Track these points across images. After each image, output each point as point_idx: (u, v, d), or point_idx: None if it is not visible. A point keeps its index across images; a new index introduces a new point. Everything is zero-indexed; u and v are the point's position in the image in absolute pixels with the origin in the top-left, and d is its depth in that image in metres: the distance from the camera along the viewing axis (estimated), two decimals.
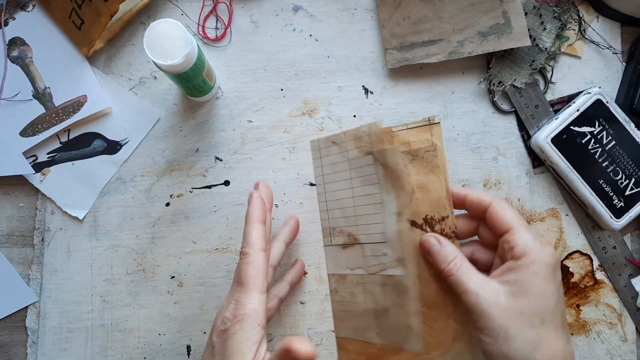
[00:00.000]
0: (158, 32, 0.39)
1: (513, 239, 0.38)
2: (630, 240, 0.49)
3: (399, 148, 0.41)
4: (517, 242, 0.37)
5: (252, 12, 0.50)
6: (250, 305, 0.35)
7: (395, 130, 0.42)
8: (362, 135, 0.43)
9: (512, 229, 0.38)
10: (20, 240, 0.49)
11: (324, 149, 0.47)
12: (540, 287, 0.36)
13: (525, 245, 0.37)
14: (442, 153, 0.41)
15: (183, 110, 0.50)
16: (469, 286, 0.37)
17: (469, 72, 0.50)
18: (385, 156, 0.42)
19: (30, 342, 0.49)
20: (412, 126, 0.42)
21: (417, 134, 0.41)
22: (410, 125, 0.42)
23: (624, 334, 0.49)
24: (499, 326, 0.36)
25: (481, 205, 0.40)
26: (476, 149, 0.49)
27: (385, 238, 0.43)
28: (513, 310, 0.36)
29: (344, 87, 0.50)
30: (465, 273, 0.38)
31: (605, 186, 0.47)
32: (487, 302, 0.36)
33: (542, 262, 0.37)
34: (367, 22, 0.50)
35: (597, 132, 0.47)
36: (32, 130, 0.48)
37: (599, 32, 0.49)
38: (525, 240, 0.37)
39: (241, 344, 0.34)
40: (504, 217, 0.39)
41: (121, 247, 0.49)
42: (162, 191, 0.49)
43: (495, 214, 0.39)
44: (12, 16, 0.48)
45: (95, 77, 0.49)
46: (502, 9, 0.47)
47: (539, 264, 0.37)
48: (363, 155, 0.44)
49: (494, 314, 0.36)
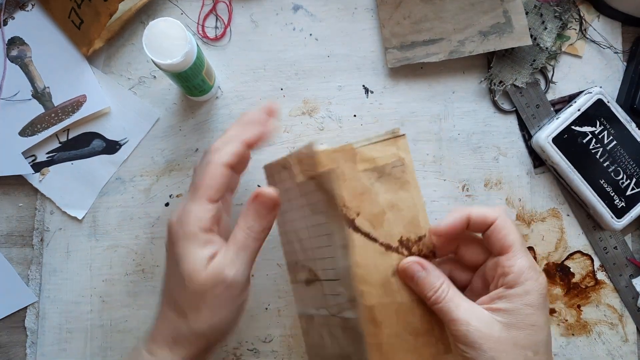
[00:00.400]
0: (157, 31, 0.39)
1: (509, 264, 0.35)
2: (631, 241, 0.49)
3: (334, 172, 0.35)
4: (512, 269, 0.35)
5: (252, 11, 0.50)
6: (189, 208, 0.36)
7: (357, 146, 0.36)
8: (302, 157, 0.37)
9: (510, 252, 0.36)
10: (20, 241, 0.49)
11: (277, 175, 0.40)
12: (534, 317, 0.35)
13: (520, 274, 0.35)
14: (410, 167, 0.37)
15: (182, 109, 0.50)
16: (459, 316, 0.34)
17: (470, 72, 0.49)
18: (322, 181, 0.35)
19: (30, 342, 0.49)
20: (375, 140, 0.37)
21: (382, 149, 0.37)
22: (374, 140, 0.37)
23: (624, 334, 0.49)
24: (491, 358, 0.34)
25: (485, 222, 0.37)
26: (477, 149, 0.49)
27: (337, 275, 0.36)
28: (507, 343, 0.34)
29: (344, 86, 0.50)
30: (453, 301, 0.35)
31: (607, 186, 0.47)
32: (479, 334, 0.34)
33: (537, 292, 0.35)
34: (368, 22, 0.49)
35: (598, 132, 0.47)
36: (31, 130, 0.48)
37: (600, 32, 0.49)
38: (521, 268, 0.35)
39: (184, 248, 0.35)
40: (506, 237, 0.36)
41: (120, 247, 0.49)
42: (161, 191, 0.49)
43: (497, 233, 0.36)
44: (12, 15, 0.48)
45: (94, 77, 0.49)
46: (502, 8, 0.47)
47: (534, 295, 0.35)
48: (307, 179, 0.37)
49: (486, 345, 0.34)
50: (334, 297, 0.37)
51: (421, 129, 0.49)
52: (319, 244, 0.38)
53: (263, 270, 0.49)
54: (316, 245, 0.38)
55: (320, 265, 0.38)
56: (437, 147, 0.49)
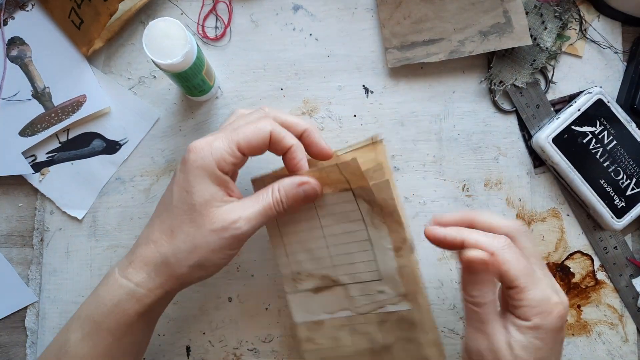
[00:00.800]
0: (157, 31, 0.39)
1: (519, 297, 0.34)
2: (631, 241, 0.49)
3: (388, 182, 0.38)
4: (524, 304, 0.33)
5: (252, 11, 0.50)
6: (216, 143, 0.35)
7: (340, 154, 0.40)
8: (330, 174, 0.38)
9: (518, 287, 0.34)
10: (20, 241, 0.49)
11: None
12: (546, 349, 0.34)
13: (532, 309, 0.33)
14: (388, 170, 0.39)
15: (183, 109, 0.50)
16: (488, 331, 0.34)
17: (470, 72, 0.49)
18: (371, 192, 0.38)
19: (30, 342, 0.49)
20: (356, 147, 0.40)
21: (362, 155, 0.39)
22: (355, 147, 0.40)
23: (625, 334, 0.49)
24: None
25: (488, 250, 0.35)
26: (477, 149, 0.49)
27: (379, 276, 0.40)
28: None
29: (344, 86, 0.49)
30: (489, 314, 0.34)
31: (607, 186, 0.47)
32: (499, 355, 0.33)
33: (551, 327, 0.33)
34: (368, 22, 0.49)
35: (598, 132, 0.47)
36: (31, 130, 0.48)
37: (600, 32, 0.49)
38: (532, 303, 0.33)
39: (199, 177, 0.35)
40: (508, 272, 0.34)
41: (120, 247, 0.49)
42: (161, 191, 0.49)
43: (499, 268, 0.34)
44: (12, 16, 0.48)
45: (94, 77, 0.49)
46: (503, 8, 0.47)
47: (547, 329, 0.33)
48: (336, 192, 0.39)
49: None
50: (368, 296, 0.40)
51: (421, 129, 0.49)
52: (345, 251, 0.40)
53: (263, 270, 0.49)
54: (340, 253, 0.40)
55: (346, 270, 0.40)
56: (437, 147, 0.49)
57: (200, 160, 0.35)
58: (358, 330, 0.42)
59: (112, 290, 0.36)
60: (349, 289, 0.41)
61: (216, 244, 0.35)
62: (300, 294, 0.42)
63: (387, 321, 0.41)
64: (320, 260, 0.41)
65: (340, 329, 0.42)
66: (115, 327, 0.36)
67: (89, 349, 0.36)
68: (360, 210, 0.39)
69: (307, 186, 0.38)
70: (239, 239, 0.36)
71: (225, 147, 0.35)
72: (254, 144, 0.36)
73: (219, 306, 0.49)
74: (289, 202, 0.37)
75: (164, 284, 0.36)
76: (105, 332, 0.36)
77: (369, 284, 0.41)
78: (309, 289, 0.42)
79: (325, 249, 0.41)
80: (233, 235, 0.35)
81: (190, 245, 0.35)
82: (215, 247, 0.35)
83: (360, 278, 0.41)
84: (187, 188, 0.35)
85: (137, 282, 0.36)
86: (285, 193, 0.37)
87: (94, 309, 0.36)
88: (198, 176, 0.35)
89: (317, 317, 0.42)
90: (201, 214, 0.35)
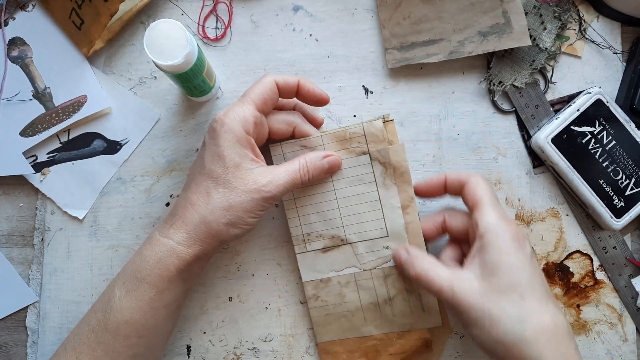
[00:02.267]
0: (158, 32, 0.39)
1: (478, 215, 0.38)
2: (630, 240, 0.49)
3: (403, 145, 0.43)
4: (481, 220, 0.38)
5: (252, 12, 0.50)
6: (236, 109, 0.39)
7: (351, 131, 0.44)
8: (353, 137, 0.44)
9: (479, 205, 0.39)
10: (20, 240, 0.49)
11: (290, 153, 0.45)
12: (508, 261, 0.36)
13: (488, 223, 0.38)
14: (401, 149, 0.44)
15: (183, 110, 0.50)
16: (441, 283, 0.37)
17: (469, 72, 0.50)
18: (387, 154, 0.44)
19: (31, 342, 0.49)
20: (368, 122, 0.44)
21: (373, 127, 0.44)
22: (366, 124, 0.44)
23: (624, 334, 0.49)
24: (482, 312, 0.36)
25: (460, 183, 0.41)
26: (476, 149, 0.49)
27: (386, 233, 0.45)
28: (489, 292, 0.36)
29: (344, 87, 0.50)
30: (434, 270, 0.38)
31: (606, 186, 0.47)
32: (464, 293, 0.36)
33: (505, 236, 0.37)
34: (368, 22, 0.50)
35: (597, 132, 0.47)
36: (32, 130, 0.48)
37: (599, 32, 0.49)
38: (488, 218, 0.38)
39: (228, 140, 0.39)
40: (474, 193, 0.40)
41: (121, 247, 0.49)
42: (162, 191, 0.49)
43: (469, 190, 0.40)
44: (12, 16, 0.48)
45: (95, 77, 0.49)
46: (502, 8, 0.47)
47: (502, 239, 0.37)
48: (354, 156, 0.44)
49: (472, 302, 0.36)
50: (373, 252, 0.45)
51: (421, 129, 0.49)
52: (356, 211, 0.45)
53: (263, 270, 0.49)
54: (350, 213, 0.45)
55: (355, 229, 0.45)
56: (437, 147, 0.49)
57: (228, 125, 0.39)
58: (363, 285, 0.46)
59: (155, 248, 0.39)
60: (356, 246, 0.45)
61: (248, 204, 0.39)
62: (309, 254, 0.46)
63: (391, 275, 0.45)
64: (330, 221, 0.45)
65: (345, 285, 0.46)
66: (157, 280, 0.39)
67: (133, 302, 0.39)
68: (374, 172, 0.44)
69: (330, 158, 0.43)
70: (268, 201, 0.39)
71: (244, 109, 0.39)
72: (265, 96, 0.40)
73: (220, 306, 0.49)
74: (314, 173, 0.42)
75: (202, 241, 0.39)
76: (147, 285, 0.39)
77: (376, 241, 0.45)
78: (318, 249, 0.46)
79: (336, 210, 0.45)
80: (264, 197, 0.39)
81: (226, 204, 0.38)
82: (247, 206, 0.39)
83: (368, 236, 0.45)
84: (218, 152, 0.39)
85: (178, 240, 0.39)
86: (312, 164, 0.42)
87: (138, 265, 0.40)
88: (227, 140, 0.38)
89: (324, 275, 0.46)
90: (235, 175, 0.39)
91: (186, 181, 0.42)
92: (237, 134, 0.39)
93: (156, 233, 0.41)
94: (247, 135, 0.39)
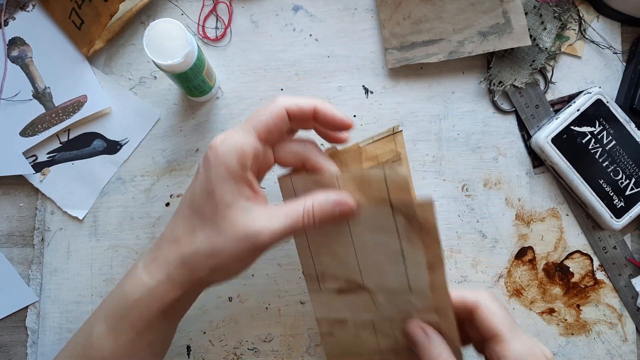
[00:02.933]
0: (158, 31, 0.39)
1: (500, 349, 0.33)
2: (630, 240, 0.49)
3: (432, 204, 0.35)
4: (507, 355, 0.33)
5: (252, 12, 0.50)
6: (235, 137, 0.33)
7: (362, 145, 0.40)
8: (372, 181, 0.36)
9: (498, 337, 0.34)
10: (20, 240, 0.49)
11: (301, 190, 0.38)
12: None
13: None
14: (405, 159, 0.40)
15: (183, 110, 0.50)
16: None
17: (469, 72, 0.50)
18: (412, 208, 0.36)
19: (31, 342, 0.49)
20: (377, 138, 0.41)
21: (383, 146, 0.40)
22: (376, 138, 0.41)
23: (624, 334, 0.49)
24: None
25: (466, 308, 0.36)
26: (476, 149, 0.49)
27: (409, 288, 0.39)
28: None
29: (344, 87, 0.50)
30: None
31: (606, 186, 0.47)
32: None
33: None
34: (367, 22, 0.50)
35: (597, 132, 0.47)
36: (32, 130, 0.48)
37: (599, 32, 0.49)
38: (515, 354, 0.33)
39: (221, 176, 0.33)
40: (491, 324, 0.34)
41: (121, 247, 0.49)
42: (162, 191, 0.49)
43: (480, 321, 0.34)
44: (12, 16, 0.48)
45: (95, 77, 0.49)
46: (502, 8, 0.47)
47: None
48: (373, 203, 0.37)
49: None
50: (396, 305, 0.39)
51: (421, 129, 0.49)
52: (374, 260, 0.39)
53: (263, 270, 0.49)
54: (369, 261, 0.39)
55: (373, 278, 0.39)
56: (437, 147, 0.49)
57: (222, 157, 0.33)
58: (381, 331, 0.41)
59: (135, 286, 0.36)
60: (375, 294, 0.40)
61: (235, 252, 0.33)
62: (322, 293, 0.41)
63: None
64: (346, 264, 0.40)
65: (363, 328, 0.41)
66: (138, 320, 0.35)
67: (112, 342, 0.36)
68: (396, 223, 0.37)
69: (344, 206, 0.35)
70: (260, 250, 0.34)
71: (243, 139, 0.33)
72: (271, 125, 0.34)
73: (219, 306, 0.49)
74: (321, 220, 0.35)
75: (184, 285, 0.35)
76: (128, 325, 0.36)
77: (398, 294, 0.39)
78: (332, 289, 0.41)
79: (352, 255, 0.39)
80: (255, 246, 0.33)
81: (210, 249, 0.34)
82: (234, 254, 0.33)
83: (389, 286, 0.39)
84: (209, 188, 0.34)
85: (158, 280, 0.35)
86: (319, 210, 0.35)
87: (118, 302, 0.36)
88: (219, 175, 0.33)
89: (339, 315, 0.42)
90: (224, 217, 0.33)
91: (177, 209, 0.37)
92: (230, 168, 0.33)
93: (139, 265, 0.36)
94: (242, 171, 0.33)
